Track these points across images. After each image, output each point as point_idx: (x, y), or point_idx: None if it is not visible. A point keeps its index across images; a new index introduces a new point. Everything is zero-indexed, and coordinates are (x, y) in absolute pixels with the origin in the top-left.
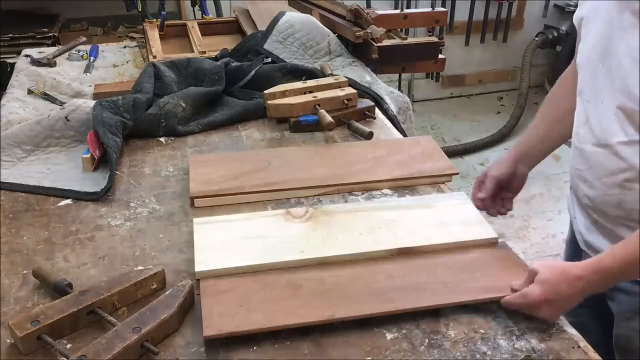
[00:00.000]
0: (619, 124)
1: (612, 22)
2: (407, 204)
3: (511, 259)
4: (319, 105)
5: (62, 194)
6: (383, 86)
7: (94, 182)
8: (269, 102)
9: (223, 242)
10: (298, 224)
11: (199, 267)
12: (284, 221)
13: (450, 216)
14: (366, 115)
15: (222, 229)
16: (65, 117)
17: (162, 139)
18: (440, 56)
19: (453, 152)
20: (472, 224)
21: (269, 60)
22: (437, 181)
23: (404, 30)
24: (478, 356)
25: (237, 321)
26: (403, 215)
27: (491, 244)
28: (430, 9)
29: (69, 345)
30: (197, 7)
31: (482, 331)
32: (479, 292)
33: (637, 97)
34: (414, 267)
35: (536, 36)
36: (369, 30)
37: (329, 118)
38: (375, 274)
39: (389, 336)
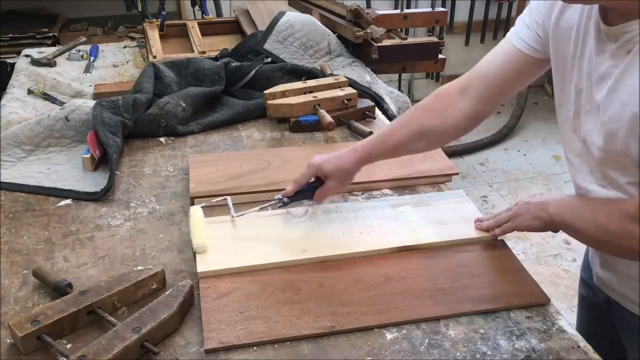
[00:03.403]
0: None
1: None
2: (406, 203)
3: (509, 263)
4: (319, 105)
5: (62, 194)
6: (383, 86)
7: (94, 182)
8: (269, 102)
9: (224, 242)
10: (299, 224)
11: (200, 267)
12: (284, 221)
13: (449, 214)
14: (366, 115)
15: (222, 229)
16: (65, 117)
17: (162, 139)
18: (440, 56)
19: (453, 152)
20: (472, 222)
21: (269, 60)
22: (437, 181)
23: (404, 30)
24: (478, 356)
25: (237, 331)
26: (402, 214)
27: (491, 242)
28: (430, 9)
29: (69, 345)
30: (197, 7)
31: (482, 331)
32: (477, 303)
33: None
34: (412, 270)
35: None
36: (369, 30)
37: (329, 118)
38: (374, 277)
39: (389, 336)
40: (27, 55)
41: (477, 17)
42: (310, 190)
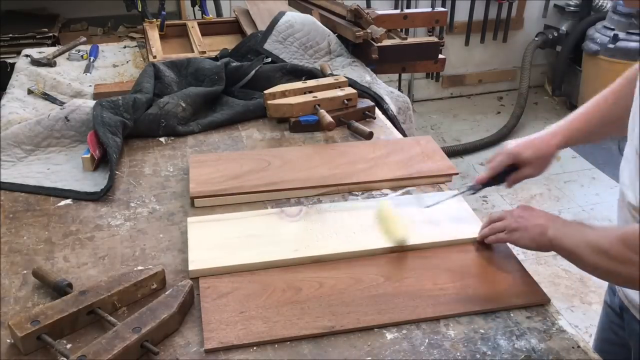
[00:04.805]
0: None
1: None
2: (401, 203)
3: (509, 263)
4: (319, 105)
5: (62, 194)
6: (383, 86)
7: (94, 182)
8: (269, 102)
9: (217, 241)
10: (291, 223)
11: (192, 265)
12: (277, 220)
13: (444, 214)
14: (366, 115)
15: (215, 228)
16: (65, 117)
17: (162, 139)
18: (440, 56)
19: (453, 152)
20: (466, 222)
21: (269, 60)
22: (437, 181)
23: (404, 30)
24: (478, 356)
25: (237, 331)
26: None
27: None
28: (430, 9)
29: (69, 345)
30: (197, 7)
31: (482, 331)
32: (477, 303)
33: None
34: (411, 270)
35: (536, 36)
36: (369, 30)
37: (329, 118)
38: (373, 277)
39: (389, 336)
40: (27, 55)
41: (477, 17)
42: (501, 175)
